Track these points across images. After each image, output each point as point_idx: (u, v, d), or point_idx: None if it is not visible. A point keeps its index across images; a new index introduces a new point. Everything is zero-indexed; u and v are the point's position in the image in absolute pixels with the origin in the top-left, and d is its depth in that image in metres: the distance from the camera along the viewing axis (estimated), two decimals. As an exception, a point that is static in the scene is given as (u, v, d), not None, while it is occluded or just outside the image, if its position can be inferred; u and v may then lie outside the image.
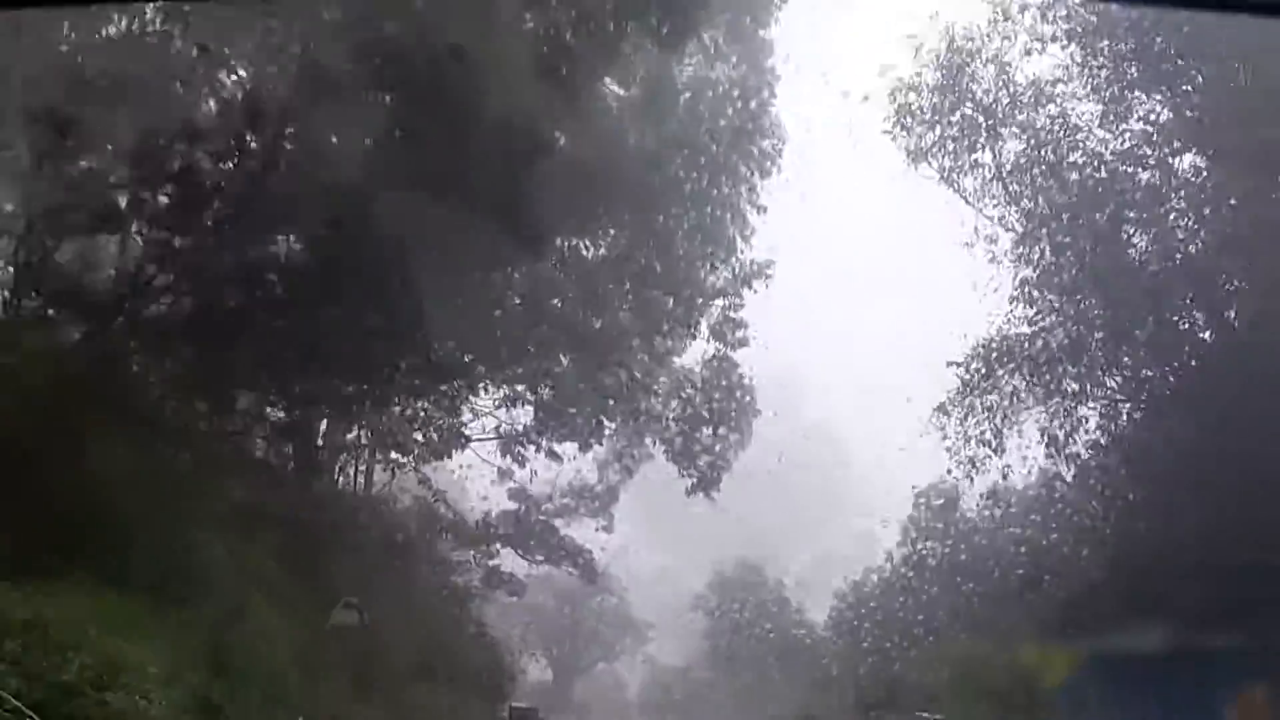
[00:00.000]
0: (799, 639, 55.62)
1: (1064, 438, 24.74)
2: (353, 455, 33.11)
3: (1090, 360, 23.18)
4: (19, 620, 12.89)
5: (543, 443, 32.88)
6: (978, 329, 25.36)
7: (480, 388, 33.34)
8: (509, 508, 42.05)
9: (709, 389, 31.36)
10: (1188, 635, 18.41)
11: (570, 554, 42.82)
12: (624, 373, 29.57)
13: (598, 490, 43.50)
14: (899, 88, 28.66)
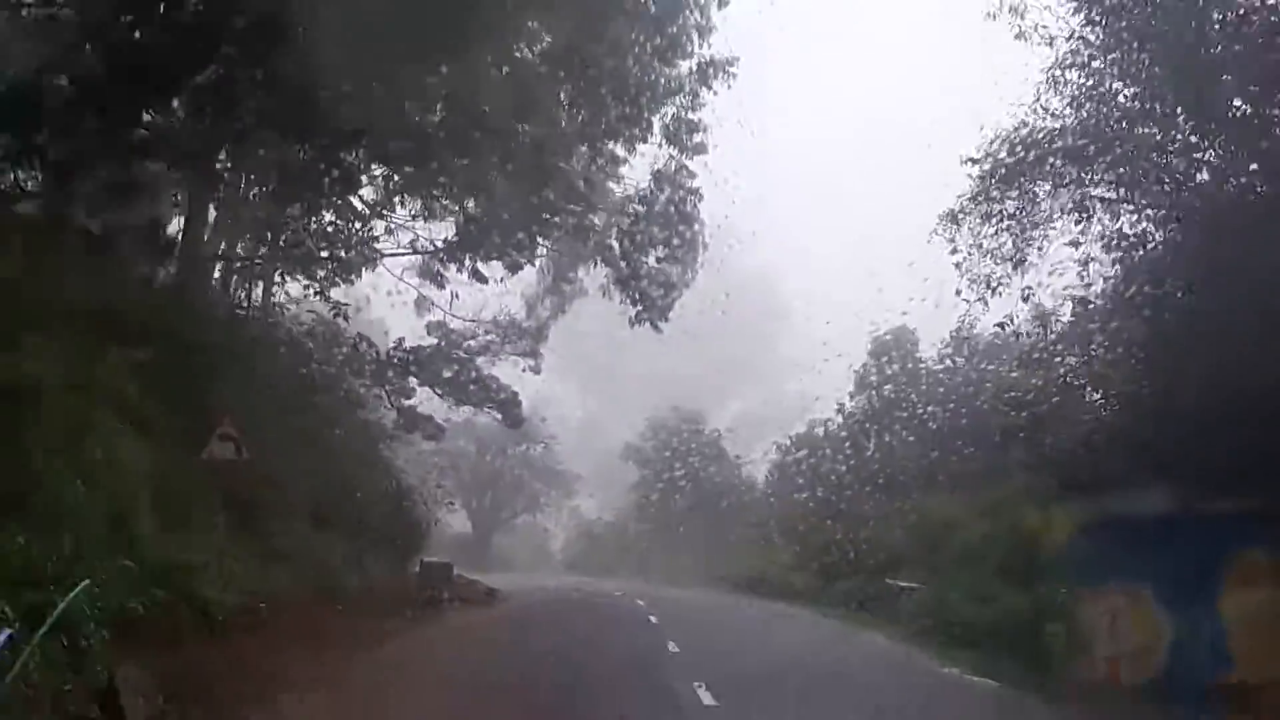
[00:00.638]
0: (740, 494, 52.64)
1: (1085, 262, 20.74)
2: (246, 270, 28.25)
3: (1130, 160, 19.08)
4: None
5: (466, 261, 28.24)
6: (998, 119, 20.91)
7: (396, 200, 28.55)
8: (427, 343, 38.16)
9: (659, 204, 26.67)
10: (1188, 498, 17.25)
11: (494, 396, 38.81)
12: (563, 181, 24.89)
13: (526, 326, 39.21)
14: None
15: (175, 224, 23.91)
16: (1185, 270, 19.38)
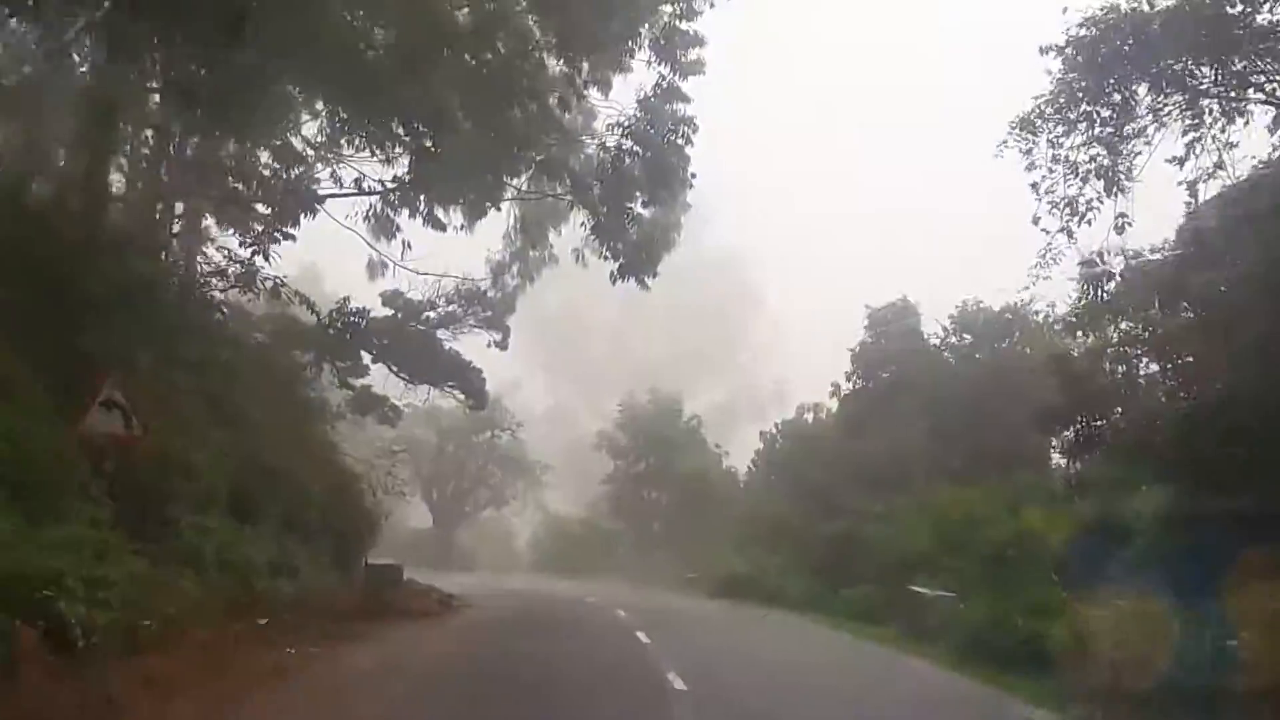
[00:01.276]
0: (722, 487, 48.70)
1: (1192, 186, 16.84)
2: (166, 213, 23.96)
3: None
4: None
5: (420, 204, 24.07)
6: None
7: (342, 141, 24.42)
8: (382, 314, 34.14)
9: (646, 136, 22.49)
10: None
11: (456, 373, 34.86)
12: (534, 105, 20.83)
13: (491, 297, 35.17)
14: None
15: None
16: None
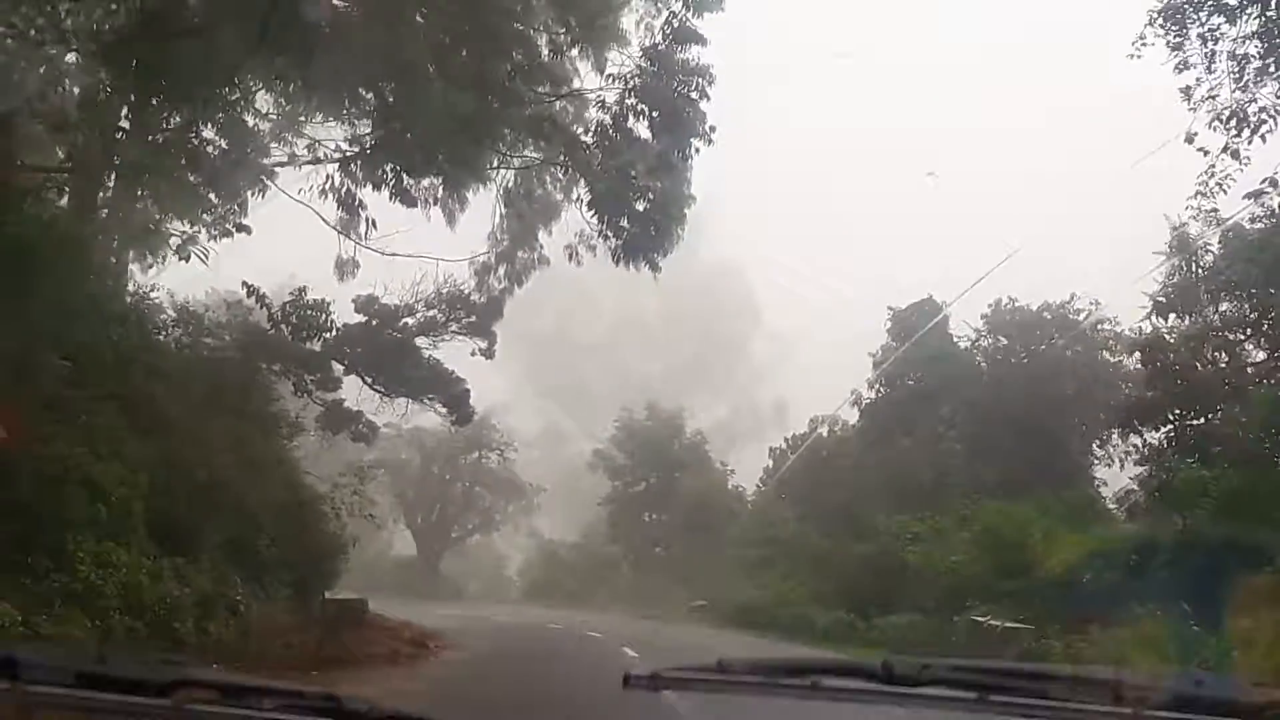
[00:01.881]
0: (730, 507, 44.94)
1: None
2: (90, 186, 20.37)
3: None
4: None
5: (388, 171, 20.39)
6: None
7: (301, 108, 20.96)
8: (354, 320, 30.66)
9: (655, 89, 18.90)
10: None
11: (437, 384, 31.39)
12: (520, 53, 17.35)
13: (475, 301, 31.68)
14: None
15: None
16: None
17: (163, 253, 20.68)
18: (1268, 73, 13.87)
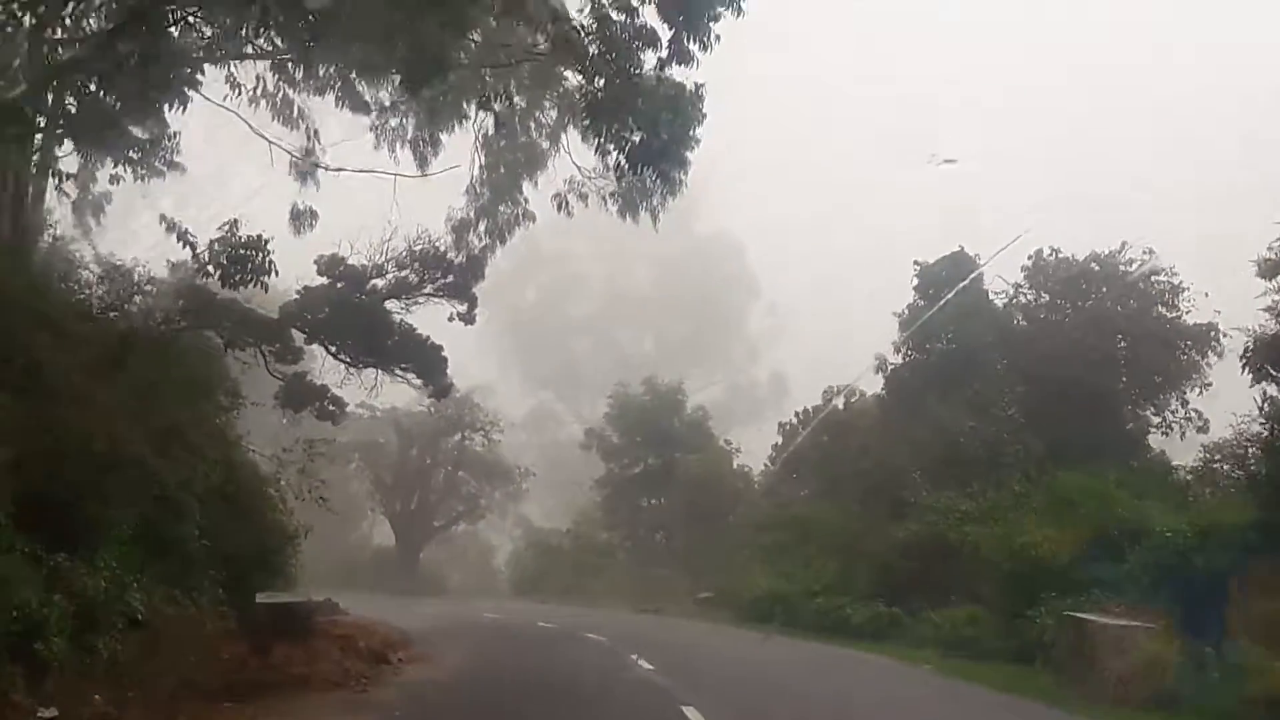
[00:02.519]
0: (733, 486, 41.14)
1: None
2: None
3: None
4: None
5: (332, 73, 16.32)
6: None
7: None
8: (316, 284, 26.27)
9: None
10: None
11: (411, 352, 27.74)
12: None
13: (452, 260, 27.95)
14: None
15: None
16: None
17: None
18: None
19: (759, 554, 32.47)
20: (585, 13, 15.50)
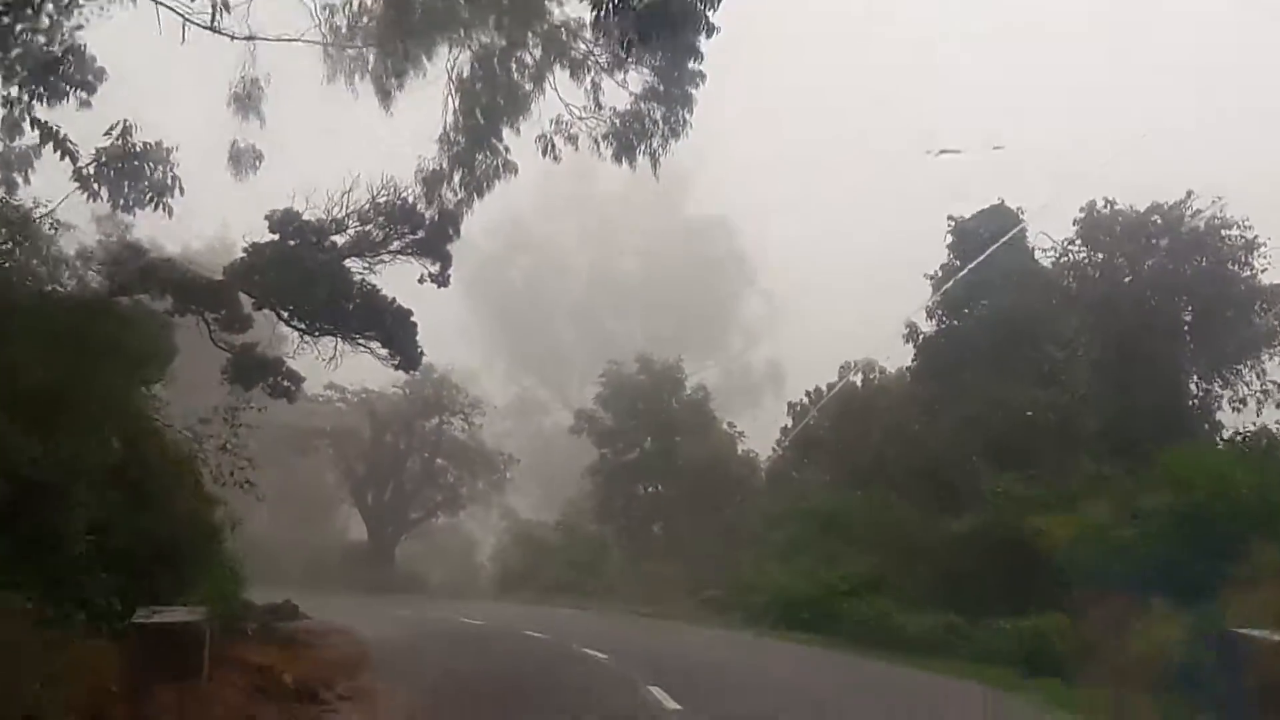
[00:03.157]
0: (738, 474, 37.49)
1: None
2: None
3: None
4: None
5: None
6: None
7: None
8: (266, 240, 23.44)
9: None
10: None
11: (374, 319, 24.55)
12: None
13: (422, 214, 24.66)
14: None
15: None
16: None
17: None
18: None
19: (771, 549, 28.80)
20: None
